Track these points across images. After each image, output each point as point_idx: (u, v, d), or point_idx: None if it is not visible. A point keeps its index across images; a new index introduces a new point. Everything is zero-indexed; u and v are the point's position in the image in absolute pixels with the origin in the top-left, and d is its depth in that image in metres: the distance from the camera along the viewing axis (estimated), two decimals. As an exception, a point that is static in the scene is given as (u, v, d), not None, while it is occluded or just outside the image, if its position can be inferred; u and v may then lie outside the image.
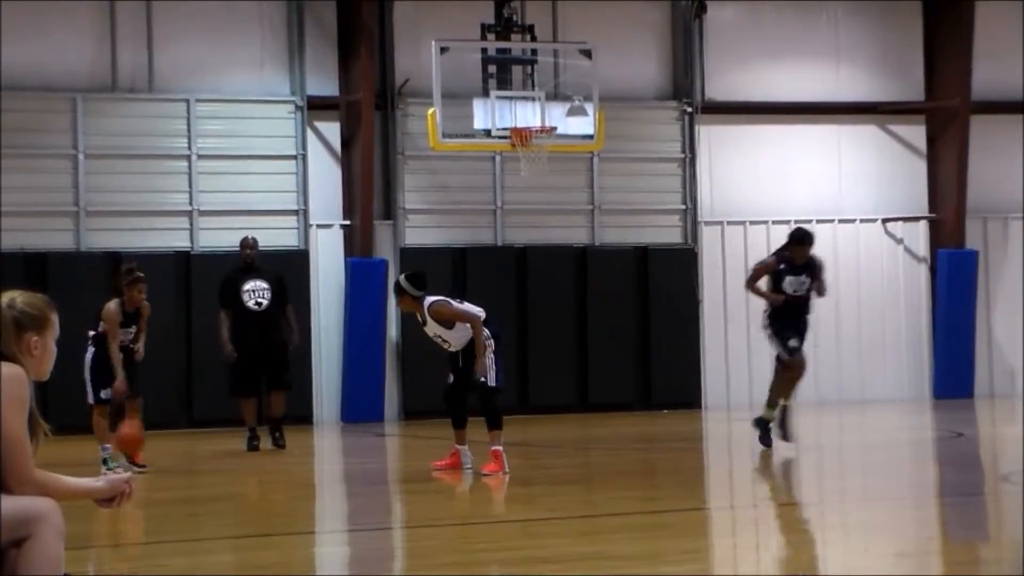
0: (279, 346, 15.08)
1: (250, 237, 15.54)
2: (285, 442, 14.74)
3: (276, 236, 18.72)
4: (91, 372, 11.99)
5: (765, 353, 17.77)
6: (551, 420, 17.22)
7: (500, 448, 10.60)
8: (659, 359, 19.87)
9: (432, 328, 10.66)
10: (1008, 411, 18.13)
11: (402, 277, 11.39)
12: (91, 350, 12.02)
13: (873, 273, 21.09)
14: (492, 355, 10.69)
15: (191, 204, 18.56)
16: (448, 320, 10.54)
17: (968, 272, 20.77)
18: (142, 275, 12.22)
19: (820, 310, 19.92)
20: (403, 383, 19.56)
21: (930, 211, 20.89)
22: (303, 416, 18.31)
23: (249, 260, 15.37)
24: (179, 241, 18.82)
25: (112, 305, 11.93)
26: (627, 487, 10.40)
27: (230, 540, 8.27)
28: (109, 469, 10.75)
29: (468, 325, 10.68)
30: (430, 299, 10.63)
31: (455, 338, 10.62)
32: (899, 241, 21.81)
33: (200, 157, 18.57)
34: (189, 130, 18.51)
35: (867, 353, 19.94)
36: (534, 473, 12.58)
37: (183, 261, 18.64)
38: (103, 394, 11.69)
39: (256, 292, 15.00)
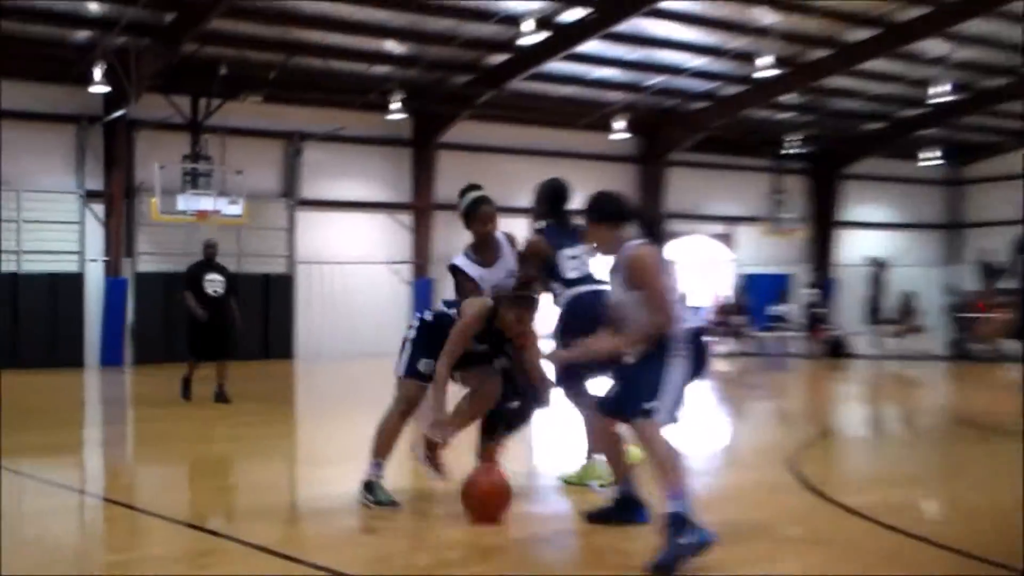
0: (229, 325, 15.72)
1: (211, 238, 16.59)
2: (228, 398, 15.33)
3: (66, 266, 24.72)
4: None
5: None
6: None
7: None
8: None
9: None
10: None
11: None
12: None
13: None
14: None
15: (17, 246, 23.90)
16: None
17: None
18: (484, 196, 7.80)
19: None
20: (137, 356, 25.09)
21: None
22: (74, 362, 23.99)
23: (210, 256, 15.83)
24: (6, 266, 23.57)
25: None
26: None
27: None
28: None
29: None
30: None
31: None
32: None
33: (25, 222, 24.18)
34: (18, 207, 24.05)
35: None
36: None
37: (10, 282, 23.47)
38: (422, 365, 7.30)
39: (214, 283, 15.49)
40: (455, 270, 7.72)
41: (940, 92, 29.80)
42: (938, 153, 37.34)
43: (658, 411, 5.97)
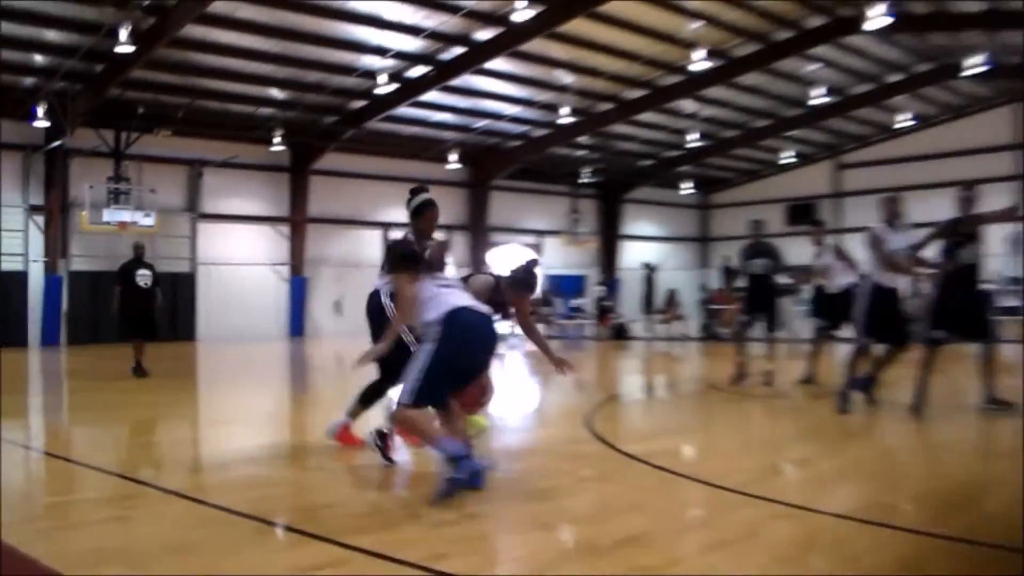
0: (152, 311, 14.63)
1: (140, 241, 15.36)
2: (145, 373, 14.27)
3: (13, 265, 23.55)
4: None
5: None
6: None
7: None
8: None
9: None
10: None
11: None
12: None
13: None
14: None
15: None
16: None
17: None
18: (431, 198, 6.84)
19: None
20: (70, 338, 23.81)
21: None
22: (19, 342, 22.54)
23: (139, 255, 14.69)
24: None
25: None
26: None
27: None
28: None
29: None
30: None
31: None
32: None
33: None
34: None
35: None
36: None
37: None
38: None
39: (143, 276, 14.47)
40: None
41: (693, 139, 30.33)
42: (692, 184, 37.66)
43: (401, 398, 5.69)
